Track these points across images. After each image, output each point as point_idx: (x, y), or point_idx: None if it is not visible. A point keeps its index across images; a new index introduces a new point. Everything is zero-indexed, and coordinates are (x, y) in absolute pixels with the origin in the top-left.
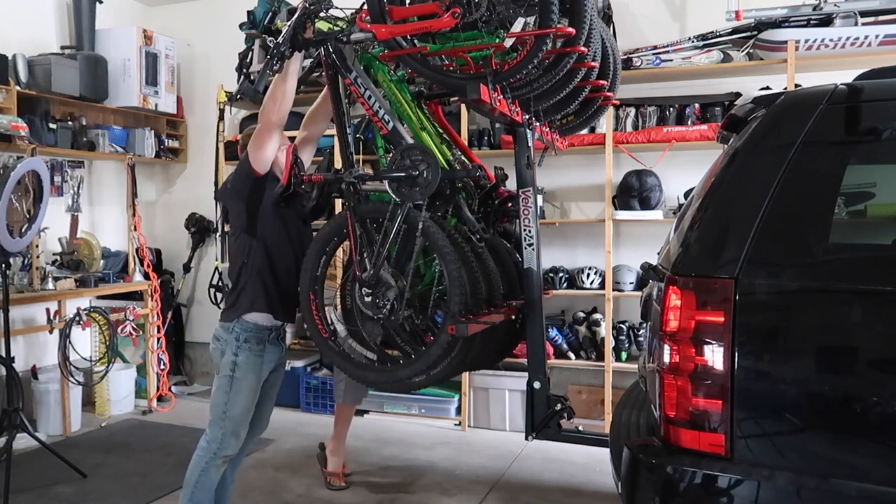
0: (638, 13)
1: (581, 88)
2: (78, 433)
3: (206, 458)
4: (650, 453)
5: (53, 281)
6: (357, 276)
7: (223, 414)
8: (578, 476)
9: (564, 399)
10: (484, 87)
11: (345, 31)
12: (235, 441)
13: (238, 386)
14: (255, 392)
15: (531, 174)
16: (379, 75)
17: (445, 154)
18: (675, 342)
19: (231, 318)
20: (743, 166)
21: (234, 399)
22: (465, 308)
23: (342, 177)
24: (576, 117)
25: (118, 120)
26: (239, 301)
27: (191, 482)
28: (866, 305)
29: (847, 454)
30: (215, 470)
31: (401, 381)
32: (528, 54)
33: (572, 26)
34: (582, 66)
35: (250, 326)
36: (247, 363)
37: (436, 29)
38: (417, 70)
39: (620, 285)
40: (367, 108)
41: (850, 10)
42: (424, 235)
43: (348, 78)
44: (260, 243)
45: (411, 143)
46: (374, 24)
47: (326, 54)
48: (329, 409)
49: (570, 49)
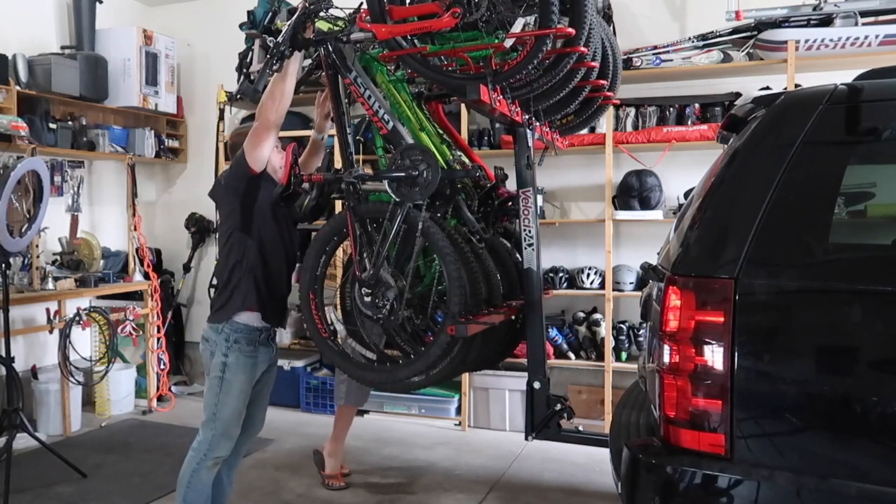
0: (638, 13)
1: (581, 88)
2: (78, 433)
3: (197, 459)
4: (650, 453)
5: (53, 281)
6: (357, 276)
7: (213, 416)
8: (578, 476)
9: (564, 399)
10: (484, 88)
11: (344, 31)
12: (227, 442)
13: (228, 387)
14: (245, 393)
15: (531, 174)
16: (378, 76)
17: (445, 154)
18: (675, 342)
19: (221, 319)
20: (743, 166)
21: (224, 400)
22: (465, 308)
23: (342, 177)
24: (576, 117)
25: (118, 120)
26: (231, 300)
27: (182, 483)
28: (866, 305)
29: (847, 454)
30: (206, 471)
31: (400, 381)
32: (528, 55)
33: (572, 26)
34: (582, 66)
35: (240, 327)
36: (237, 364)
37: (436, 29)
38: (417, 70)
39: (620, 285)
40: (367, 108)
41: (850, 10)
42: (424, 236)
43: (348, 78)
44: (254, 242)
45: (411, 143)
46: (374, 24)
47: (326, 54)
48: (329, 409)
49: (570, 49)
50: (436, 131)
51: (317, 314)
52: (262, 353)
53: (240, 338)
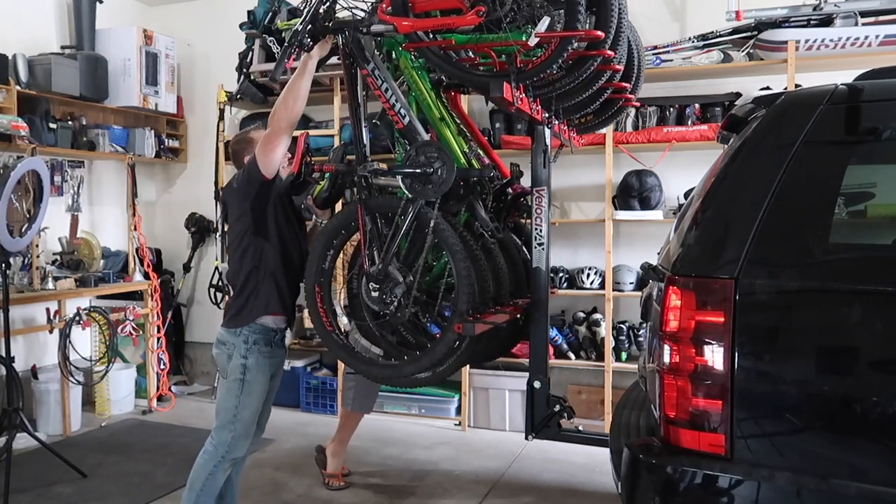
0: (638, 13)
1: (604, 89)
2: (78, 433)
3: (214, 462)
4: (650, 453)
5: (53, 281)
6: (365, 270)
7: (233, 417)
8: (578, 476)
9: (563, 400)
10: (507, 86)
11: (364, 21)
12: (245, 442)
13: (249, 388)
14: (264, 393)
15: (547, 173)
16: (401, 61)
17: (462, 146)
18: (675, 342)
19: (242, 324)
20: (743, 166)
21: (245, 402)
22: (473, 307)
23: (355, 168)
24: (595, 117)
25: (118, 120)
26: (249, 305)
27: (196, 486)
28: (866, 306)
29: (847, 454)
30: (222, 473)
31: (406, 377)
32: (552, 55)
33: (599, 28)
34: (607, 69)
35: (259, 328)
36: (257, 365)
37: (459, 26)
38: (440, 66)
39: (620, 285)
40: (384, 101)
41: (851, 11)
42: (435, 233)
43: (365, 69)
44: (271, 245)
45: (427, 139)
46: (396, 17)
47: (345, 44)
48: (329, 409)
49: (595, 52)
50: (454, 123)
51: (322, 308)
52: (278, 354)
53: (258, 339)
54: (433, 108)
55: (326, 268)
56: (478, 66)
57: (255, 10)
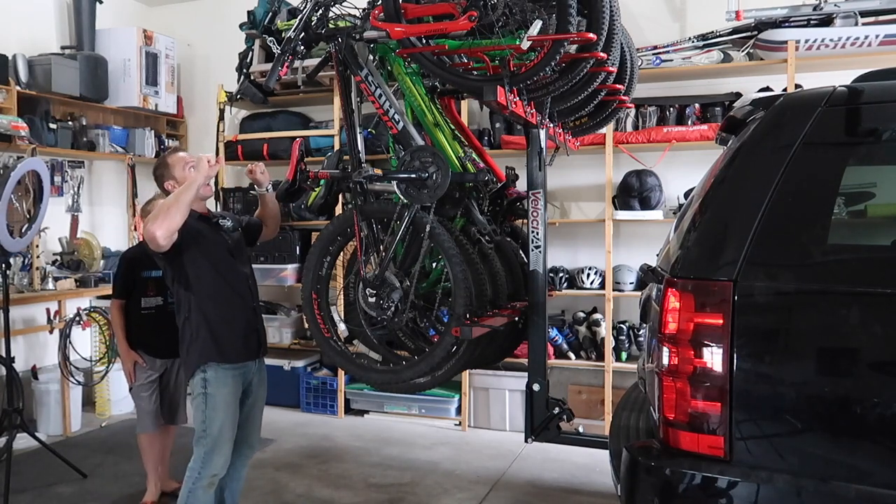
0: (638, 13)
1: (598, 91)
2: (78, 433)
3: (192, 479)
4: (649, 455)
5: (53, 281)
6: (361, 276)
7: (203, 432)
8: (579, 476)
9: (563, 402)
10: (500, 90)
11: (357, 28)
12: (219, 458)
13: (213, 402)
14: (230, 406)
15: (542, 176)
16: (395, 67)
17: (457, 151)
18: (674, 344)
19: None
20: (742, 168)
21: (211, 416)
22: (470, 311)
23: (350, 175)
24: (590, 119)
25: (118, 120)
26: (193, 354)
27: (181, 502)
28: (865, 307)
29: (846, 456)
30: (203, 491)
31: (404, 382)
32: (544, 58)
33: (591, 30)
34: (600, 71)
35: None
36: (216, 377)
37: (451, 31)
38: (433, 71)
39: (620, 285)
40: (378, 107)
41: (850, 10)
42: (431, 238)
43: (358, 75)
44: (196, 295)
45: (422, 144)
46: (388, 23)
47: (338, 50)
48: (329, 409)
49: (588, 55)
50: (449, 128)
51: (319, 314)
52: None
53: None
54: (427, 114)
55: (323, 275)
56: (471, 70)
57: (255, 10)
